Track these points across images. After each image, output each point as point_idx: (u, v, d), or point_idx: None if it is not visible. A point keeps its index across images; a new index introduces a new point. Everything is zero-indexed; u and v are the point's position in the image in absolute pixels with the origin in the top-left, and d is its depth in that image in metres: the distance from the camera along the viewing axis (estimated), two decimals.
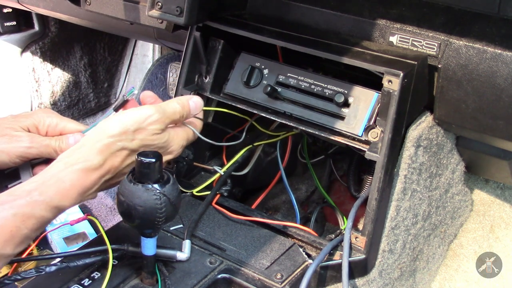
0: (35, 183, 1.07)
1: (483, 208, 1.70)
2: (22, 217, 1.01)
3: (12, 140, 1.23)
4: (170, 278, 1.17)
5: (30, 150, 1.24)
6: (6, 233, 1.00)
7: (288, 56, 1.46)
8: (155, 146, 1.18)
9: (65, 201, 1.07)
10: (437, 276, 1.65)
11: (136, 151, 1.13)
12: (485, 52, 1.18)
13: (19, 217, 1.01)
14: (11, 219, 1.00)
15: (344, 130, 1.29)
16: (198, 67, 1.46)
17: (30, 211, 1.02)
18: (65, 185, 1.07)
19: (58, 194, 1.06)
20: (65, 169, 1.09)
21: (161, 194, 1.05)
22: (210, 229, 1.33)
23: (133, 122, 1.15)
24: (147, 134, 1.16)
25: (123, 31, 2.14)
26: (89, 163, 1.10)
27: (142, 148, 1.16)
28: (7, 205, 1.01)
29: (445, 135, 1.39)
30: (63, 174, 1.08)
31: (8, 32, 2.35)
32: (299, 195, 1.74)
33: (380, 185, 1.24)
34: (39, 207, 1.04)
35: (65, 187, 1.07)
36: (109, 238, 1.17)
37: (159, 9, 1.36)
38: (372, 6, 1.33)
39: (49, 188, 1.06)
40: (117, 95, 2.78)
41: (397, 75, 1.19)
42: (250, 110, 1.40)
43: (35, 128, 1.28)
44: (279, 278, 1.20)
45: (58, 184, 1.07)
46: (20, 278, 1.12)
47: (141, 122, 1.15)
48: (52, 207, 1.06)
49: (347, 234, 1.25)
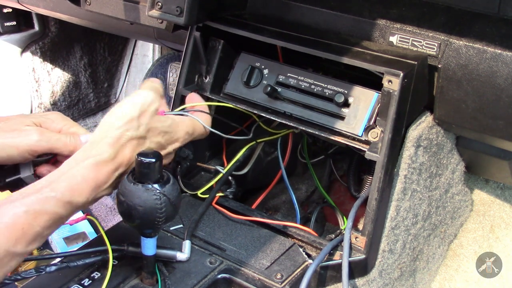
0: (46, 181, 1.06)
1: (483, 208, 1.70)
2: (33, 213, 1.00)
3: (21, 135, 1.21)
4: (170, 278, 1.17)
5: (39, 143, 1.21)
6: (17, 231, 0.98)
7: (288, 56, 1.46)
8: (160, 130, 1.18)
9: (78, 196, 1.06)
10: (437, 276, 1.65)
11: (144, 138, 1.14)
12: (485, 52, 1.18)
13: (31, 214, 1.00)
14: (23, 216, 0.99)
15: (344, 130, 1.29)
16: (198, 67, 1.46)
17: (41, 208, 1.01)
18: (77, 180, 1.06)
19: (70, 190, 1.05)
20: (76, 166, 1.08)
21: (161, 194, 1.05)
22: (210, 229, 1.33)
23: (135, 107, 1.15)
24: (151, 116, 1.16)
25: (123, 31, 2.14)
26: (100, 156, 1.09)
27: (149, 133, 1.16)
28: (18, 203, 1.00)
29: (445, 135, 1.39)
30: (75, 170, 1.07)
31: (8, 32, 2.35)
32: (299, 195, 1.73)
33: (380, 185, 1.24)
34: (50, 203, 1.02)
35: (77, 182, 1.06)
36: (109, 238, 1.17)
37: (159, 9, 1.36)
38: (372, 6, 1.33)
39: (60, 184, 1.05)
40: (117, 95, 2.78)
41: (397, 75, 1.19)
42: (250, 110, 1.40)
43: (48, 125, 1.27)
44: (279, 278, 1.20)
45: (70, 180, 1.06)
46: (20, 278, 1.12)
47: (143, 104, 1.16)
48: (64, 203, 1.04)
49: (347, 234, 1.25)
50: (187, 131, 1.25)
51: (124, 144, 1.12)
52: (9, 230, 0.98)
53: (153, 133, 1.17)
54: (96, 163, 1.08)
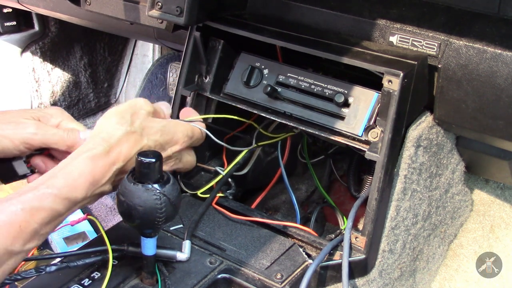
0: (43, 178, 1.06)
1: (483, 208, 1.70)
2: (30, 210, 1.00)
3: (18, 127, 1.22)
4: (170, 278, 1.17)
5: (35, 137, 1.22)
6: (15, 228, 0.98)
7: (288, 56, 1.46)
8: (155, 128, 1.19)
9: (75, 192, 1.06)
10: (437, 276, 1.65)
11: (140, 135, 1.15)
12: (485, 52, 1.18)
13: (28, 211, 0.99)
14: (20, 214, 0.99)
15: (344, 130, 1.29)
16: (198, 67, 1.46)
17: (38, 204, 1.01)
18: (73, 176, 1.06)
19: (67, 186, 1.05)
20: (71, 162, 1.08)
21: (161, 194, 1.05)
22: (210, 229, 1.33)
23: (127, 108, 1.19)
24: (143, 116, 1.19)
25: (123, 31, 2.14)
26: (95, 150, 1.10)
27: (145, 130, 1.17)
28: (14, 200, 1.00)
29: (445, 135, 1.39)
30: (71, 165, 1.08)
31: (8, 32, 2.35)
32: (299, 195, 1.73)
33: (380, 185, 1.24)
34: (48, 200, 1.02)
35: (74, 178, 1.06)
36: (109, 238, 1.17)
37: (159, 9, 1.36)
38: (372, 6, 1.33)
39: (57, 180, 1.05)
40: (117, 95, 2.78)
41: (397, 75, 1.19)
42: (250, 110, 1.40)
43: (46, 120, 1.27)
44: (279, 278, 1.20)
45: (66, 175, 1.06)
46: (20, 278, 1.12)
47: (133, 107, 1.20)
48: (62, 199, 1.04)
49: (347, 234, 1.25)
50: (187, 134, 1.26)
51: (120, 139, 1.12)
52: (6, 228, 0.97)
53: (149, 130, 1.18)
54: (91, 157, 1.09)
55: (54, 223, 1.05)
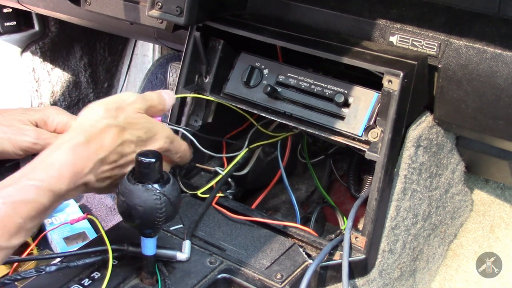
0: (23, 171, 1.03)
1: (483, 208, 1.70)
2: (12, 204, 0.97)
3: (18, 133, 1.21)
4: (170, 278, 1.17)
5: (34, 146, 1.22)
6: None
7: (288, 56, 1.46)
8: (141, 125, 1.16)
9: (59, 183, 1.03)
10: (437, 276, 1.65)
11: (124, 128, 1.12)
12: (485, 52, 1.18)
13: (9, 205, 0.97)
14: (2, 208, 0.96)
15: (344, 130, 1.29)
16: (198, 67, 1.46)
17: (21, 198, 0.99)
18: (54, 167, 1.04)
19: (49, 177, 1.03)
20: (52, 153, 1.06)
21: (161, 194, 1.05)
22: (210, 229, 1.33)
23: (113, 101, 1.16)
24: (129, 113, 1.16)
25: (123, 31, 2.14)
26: (74, 140, 1.07)
27: (128, 125, 1.14)
28: None
29: (445, 135, 1.39)
30: (51, 157, 1.05)
31: (8, 32, 2.35)
32: (299, 195, 1.73)
33: (380, 185, 1.24)
34: (30, 192, 1.00)
35: (55, 169, 1.04)
36: (109, 238, 1.17)
37: (159, 9, 1.36)
38: (372, 6, 1.33)
39: (38, 172, 1.03)
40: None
41: (397, 75, 1.19)
42: (250, 110, 1.40)
43: (44, 123, 1.27)
44: (279, 278, 1.20)
45: (47, 167, 1.04)
46: (20, 278, 1.12)
47: (120, 102, 1.16)
48: (45, 191, 1.01)
49: (347, 234, 1.25)
50: (167, 136, 1.22)
51: (102, 129, 1.10)
52: None
53: (134, 126, 1.15)
54: (71, 146, 1.06)
55: (40, 217, 1.03)
